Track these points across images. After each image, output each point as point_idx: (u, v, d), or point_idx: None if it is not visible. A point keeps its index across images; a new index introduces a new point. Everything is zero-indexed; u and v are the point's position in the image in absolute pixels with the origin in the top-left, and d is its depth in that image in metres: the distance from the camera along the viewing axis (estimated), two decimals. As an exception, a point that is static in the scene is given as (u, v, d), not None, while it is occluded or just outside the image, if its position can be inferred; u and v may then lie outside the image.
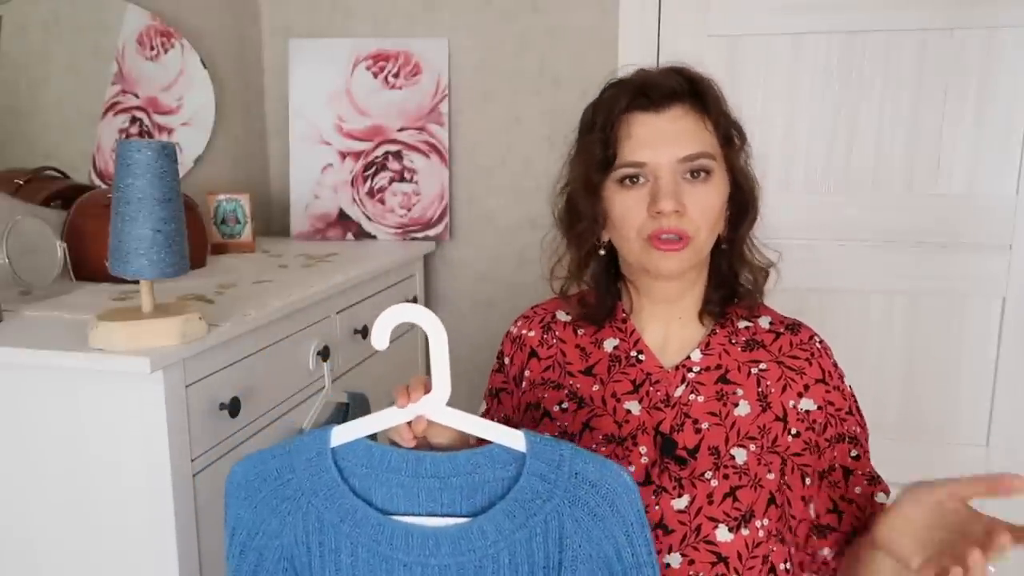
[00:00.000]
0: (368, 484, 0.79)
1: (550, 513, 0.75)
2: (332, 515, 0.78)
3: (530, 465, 0.76)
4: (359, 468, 0.79)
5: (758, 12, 1.65)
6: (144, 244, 0.94)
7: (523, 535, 0.76)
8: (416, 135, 1.87)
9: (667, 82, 0.93)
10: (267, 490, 0.78)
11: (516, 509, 0.76)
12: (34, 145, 1.43)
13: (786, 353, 0.98)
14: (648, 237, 0.91)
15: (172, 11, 1.64)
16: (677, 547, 0.89)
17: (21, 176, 1.39)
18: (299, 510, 0.78)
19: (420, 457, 0.78)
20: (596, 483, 0.75)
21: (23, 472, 1.03)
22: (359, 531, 0.77)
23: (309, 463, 0.78)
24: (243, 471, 0.79)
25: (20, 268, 1.21)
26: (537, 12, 1.79)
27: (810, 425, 0.94)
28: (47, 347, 0.98)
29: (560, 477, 0.75)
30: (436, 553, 0.76)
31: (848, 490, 0.95)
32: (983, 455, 1.67)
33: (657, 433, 0.94)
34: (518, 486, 0.76)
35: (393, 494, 0.78)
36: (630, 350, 0.99)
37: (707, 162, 0.92)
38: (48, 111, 1.45)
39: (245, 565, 0.79)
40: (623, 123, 0.93)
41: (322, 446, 0.78)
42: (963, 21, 1.56)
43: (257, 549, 0.79)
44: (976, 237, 1.61)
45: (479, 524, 0.76)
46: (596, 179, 0.95)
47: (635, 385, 0.97)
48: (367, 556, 0.77)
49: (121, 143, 0.95)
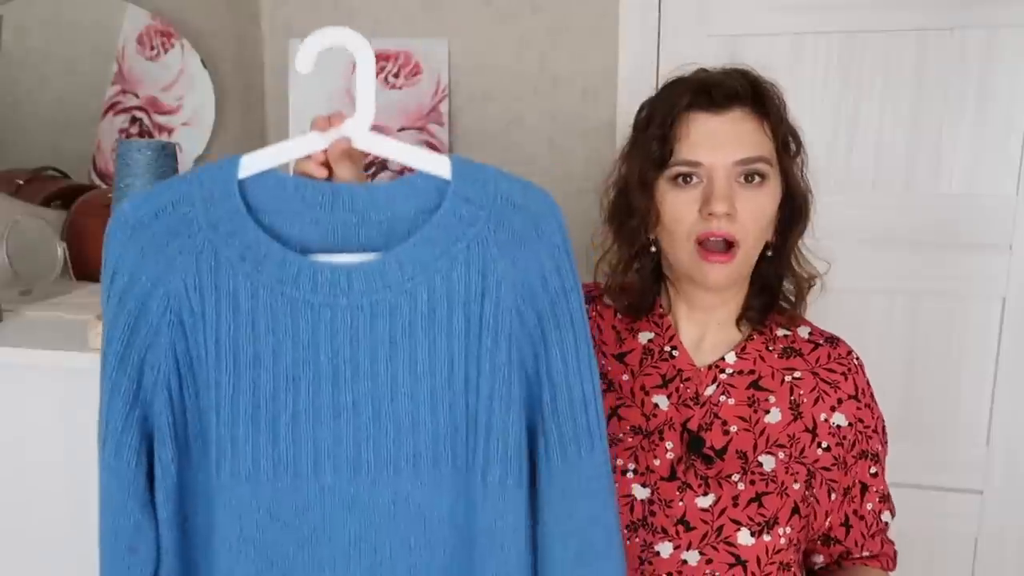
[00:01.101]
0: (279, 221, 0.69)
1: (473, 239, 0.69)
2: (231, 251, 0.67)
3: (455, 187, 0.69)
4: (270, 202, 0.69)
5: (758, 12, 1.65)
6: (144, 244, 0.94)
7: (443, 265, 0.68)
8: (416, 135, 1.87)
9: (730, 83, 0.92)
10: (158, 226, 0.66)
11: (438, 235, 0.69)
12: (34, 145, 1.43)
13: (823, 365, 0.97)
14: (697, 240, 0.90)
15: (172, 11, 1.64)
16: (696, 544, 0.89)
17: (21, 176, 1.39)
18: (193, 248, 0.66)
19: (337, 190, 0.70)
20: (521, 205, 0.70)
21: (23, 472, 1.03)
22: (261, 269, 0.67)
23: (211, 194, 0.67)
24: (134, 206, 0.67)
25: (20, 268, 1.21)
26: (537, 12, 1.79)
27: (840, 441, 0.94)
28: (47, 347, 0.98)
29: (486, 198, 0.69)
30: (347, 292, 0.68)
31: (861, 506, 0.95)
32: (983, 455, 1.66)
33: (684, 430, 0.94)
34: (441, 209, 0.69)
35: (306, 232, 0.69)
36: (664, 345, 0.98)
37: (763, 167, 0.90)
38: (48, 111, 1.45)
39: (123, 316, 0.67)
40: (682, 121, 0.92)
41: (229, 174, 0.68)
42: (963, 21, 1.55)
43: (139, 298, 0.67)
44: (976, 237, 1.61)
45: (396, 256, 0.68)
46: (651, 176, 0.93)
47: (664, 380, 0.96)
48: (268, 298, 0.67)
49: (121, 143, 0.95)
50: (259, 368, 0.68)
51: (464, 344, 0.69)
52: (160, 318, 0.67)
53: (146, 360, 0.68)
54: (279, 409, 0.69)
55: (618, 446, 0.93)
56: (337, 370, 0.69)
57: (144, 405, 0.69)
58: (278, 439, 0.69)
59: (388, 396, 0.69)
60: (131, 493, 0.69)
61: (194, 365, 0.69)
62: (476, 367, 0.69)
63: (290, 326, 0.68)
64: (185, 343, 0.68)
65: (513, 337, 0.69)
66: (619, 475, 0.91)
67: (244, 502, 0.70)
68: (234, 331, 0.68)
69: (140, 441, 0.69)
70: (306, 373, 0.69)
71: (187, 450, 0.71)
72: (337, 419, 0.69)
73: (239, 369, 0.68)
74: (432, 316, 0.69)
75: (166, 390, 0.69)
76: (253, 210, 0.68)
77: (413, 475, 0.70)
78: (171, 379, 0.69)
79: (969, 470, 1.68)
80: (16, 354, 0.98)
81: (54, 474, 1.01)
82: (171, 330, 0.68)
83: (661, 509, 0.90)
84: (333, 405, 0.69)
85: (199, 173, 0.69)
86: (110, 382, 0.68)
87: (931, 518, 1.68)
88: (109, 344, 0.68)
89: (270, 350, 0.68)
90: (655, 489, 0.91)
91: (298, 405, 0.69)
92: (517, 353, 0.69)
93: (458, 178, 0.69)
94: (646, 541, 0.89)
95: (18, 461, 1.03)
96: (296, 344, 0.68)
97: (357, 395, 0.69)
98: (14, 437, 1.02)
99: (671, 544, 0.89)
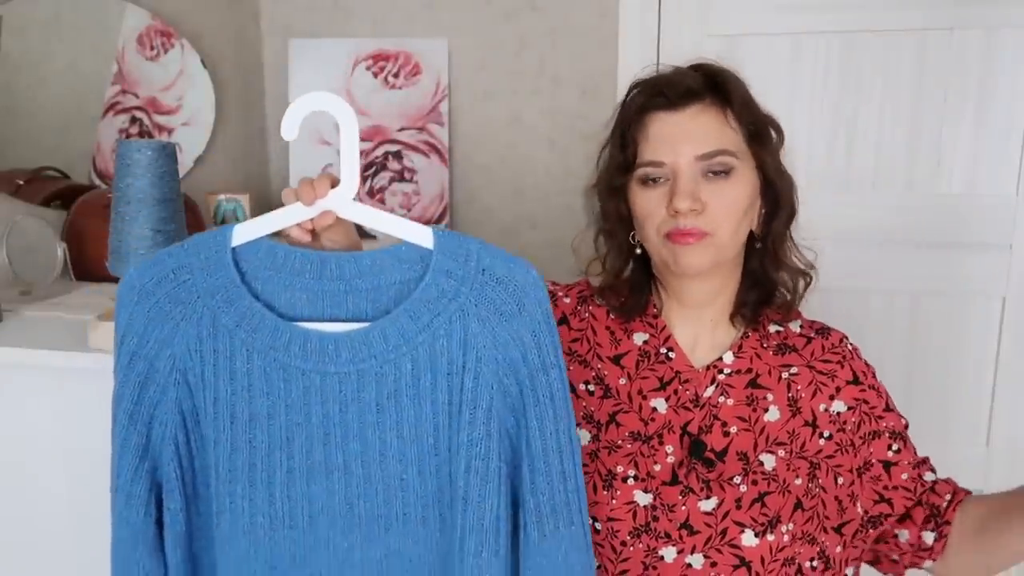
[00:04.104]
0: (270, 288, 0.73)
1: (454, 313, 0.71)
2: (228, 319, 0.71)
3: (436, 261, 0.71)
4: (261, 271, 0.73)
5: (758, 12, 1.65)
6: (144, 244, 0.95)
7: (426, 338, 0.71)
8: (416, 135, 1.87)
9: (683, 80, 0.93)
10: (161, 293, 0.71)
11: (421, 309, 0.71)
12: (34, 145, 1.44)
13: (818, 358, 0.97)
14: (667, 235, 0.91)
15: (172, 11, 1.64)
16: (700, 548, 0.89)
17: (21, 176, 1.39)
18: (194, 314, 0.71)
19: (324, 258, 0.73)
20: (504, 280, 0.71)
21: (22, 471, 1.03)
22: (255, 336, 0.71)
23: (207, 263, 0.72)
24: (138, 273, 0.72)
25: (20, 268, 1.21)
26: (537, 12, 1.79)
27: (841, 426, 0.94)
28: (47, 347, 0.98)
29: (468, 273, 0.71)
30: (336, 360, 0.71)
31: (892, 480, 0.95)
32: (983, 455, 1.66)
33: (684, 433, 0.93)
34: (423, 284, 0.71)
35: (296, 299, 0.73)
36: (660, 346, 0.98)
37: (727, 159, 0.90)
38: (48, 111, 1.45)
39: (133, 376, 0.72)
40: (642, 123, 0.93)
41: (222, 244, 0.72)
42: (963, 21, 1.55)
43: (147, 359, 0.72)
44: (976, 237, 1.61)
45: (381, 328, 0.71)
46: (617, 181, 0.95)
47: (662, 383, 0.96)
48: (263, 363, 0.71)
49: (121, 143, 0.95)
50: (255, 428, 0.72)
51: (447, 413, 0.72)
52: (167, 377, 0.72)
53: (155, 416, 0.72)
54: (274, 467, 0.73)
55: (618, 452, 0.93)
56: (328, 432, 0.72)
57: (153, 458, 0.73)
58: (274, 496, 0.73)
59: (377, 458, 0.73)
60: (142, 541, 0.73)
61: (200, 421, 0.73)
62: (456, 438, 0.72)
63: (283, 389, 0.72)
64: (191, 401, 0.72)
65: (494, 411, 0.71)
66: (620, 482, 0.91)
67: (244, 553, 0.74)
68: (231, 393, 0.72)
69: (149, 492, 0.73)
70: (299, 434, 0.73)
71: (195, 499, 0.75)
72: (329, 477, 0.73)
73: (236, 428, 0.72)
74: (417, 385, 0.72)
75: (173, 443, 0.72)
76: (246, 277, 0.72)
77: (403, 532, 0.74)
78: (178, 434, 0.73)
79: (969, 470, 1.67)
80: (16, 354, 0.98)
81: (54, 473, 1.01)
82: (177, 388, 0.72)
83: (664, 514, 0.90)
84: (326, 464, 0.73)
85: (196, 242, 0.73)
86: (121, 437, 0.72)
87: (931, 518, 1.68)
88: (120, 402, 0.72)
89: (265, 411, 0.72)
90: (657, 494, 0.90)
91: (292, 463, 0.73)
92: (498, 426, 0.72)
93: (440, 252, 0.72)
94: (650, 547, 0.89)
95: (18, 460, 1.03)
96: (289, 406, 0.72)
97: (348, 456, 0.73)
98: (14, 437, 1.02)
99: (675, 549, 0.89)
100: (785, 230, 0.97)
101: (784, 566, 0.89)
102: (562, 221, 1.82)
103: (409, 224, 0.73)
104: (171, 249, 0.73)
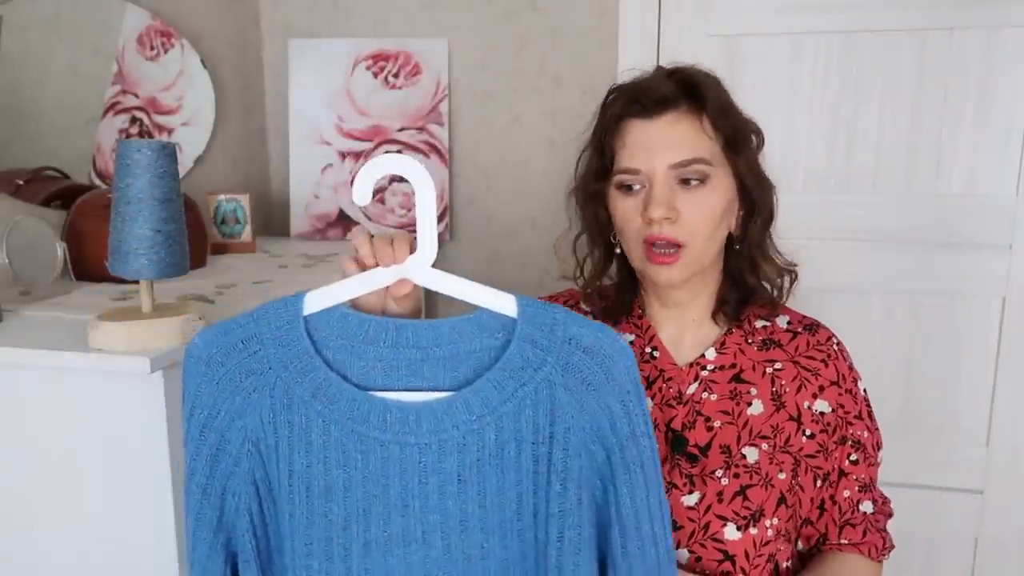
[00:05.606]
0: (344, 357, 0.71)
1: (541, 383, 0.69)
2: (303, 390, 0.69)
3: (521, 331, 0.69)
4: (334, 339, 0.71)
5: (758, 12, 1.65)
6: (144, 244, 0.94)
7: (511, 408, 0.69)
8: (416, 135, 1.87)
9: (659, 88, 0.93)
10: (231, 364, 0.70)
11: (505, 379, 0.69)
12: (34, 145, 1.43)
13: (802, 353, 0.98)
14: (644, 243, 0.92)
15: (172, 11, 1.64)
16: (685, 543, 0.89)
17: (21, 176, 1.39)
18: (266, 386, 0.70)
19: (400, 326, 0.70)
20: (591, 349, 0.69)
21: (22, 472, 1.03)
22: (332, 408, 0.69)
23: (278, 333, 0.70)
24: (204, 343, 0.70)
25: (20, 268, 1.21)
26: (537, 12, 1.79)
27: (824, 428, 0.95)
28: (47, 347, 0.98)
29: (553, 343, 0.69)
30: (416, 431, 0.69)
31: (837, 491, 0.95)
32: (983, 455, 1.66)
33: (668, 430, 0.94)
34: (507, 354, 0.69)
35: (371, 368, 0.71)
36: (645, 346, 0.99)
37: (701, 168, 0.91)
38: (48, 111, 1.45)
39: (205, 449, 0.70)
40: (619, 131, 0.94)
41: (294, 314, 0.71)
42: (963, 21, 1.55)
43: (218, 431, 0.70)
44: (976, 237, 1.61)
45: (463, 397, 0.69)
46: (594, 187, 0.97)
47: (648, 381, 0.97)
48: (340, 435, 0.69)
49: (121, 143, 0.95)
50: (331, 501, 0.70)
51: (533, 481, 0.70)
52: (239, 448, 0.70)
53: (227, 488, 0.71)
54: (350, 540, 0.70)
55: None
56: (407, 503, 0.70)
57: (228, 530, 0.72)
58: (351, 570, 0.70)
59: (458, 529, 0.70)
60: None
61: (273, 492, 0.71)
62: (545, 507, 0.70)
63: (360, 461, 0.70)
64: (264, 471, 0.71)
65: (583, 479, 0.70)
66: None
67: None
68: (306, 465, 0.70)
69: (225, 563, 0.72)
70: (376, 505, 0.70)
71: (270, 568, 0.73)
72: (407, 548, 0.70)
73: (312, 501, 0.70)
74: (500, 454, 0.69)
75: (247, 514, 0.71)
76: (318, 346, 0.70)
77: None
78: (252, 504, 0.71)
79: (969, 470, 1.68)
80: (16, 354, 0.98)
81: (54, 474, 1.01)
82: (250, 459, 0.70)
83: None
84: (403, 536, 0.70)
85: (266, 311, 0.71)
86: (195, 512, 0.71)
87: (931, 518, 1.68)
88: (192, 476, 0.71)
89: (341, 483, 0.70)
90: None
91: (369, 535, 0.70)
92: (588, 493, 0.70)
93: (524, 321, 0.70)
94: None
95: (18, 461, 1.03)
96: (366, 478, 0.70)
97: (427, 527, 0.70)
98: (14, 437, 1.02)
99: None
100: (763, 235, 0.98)
101: (767, 562, 0.90)
102: (562, 222, 1.82)
103: (492, 292, 0.71)
104: (239, 318, 0.72)
